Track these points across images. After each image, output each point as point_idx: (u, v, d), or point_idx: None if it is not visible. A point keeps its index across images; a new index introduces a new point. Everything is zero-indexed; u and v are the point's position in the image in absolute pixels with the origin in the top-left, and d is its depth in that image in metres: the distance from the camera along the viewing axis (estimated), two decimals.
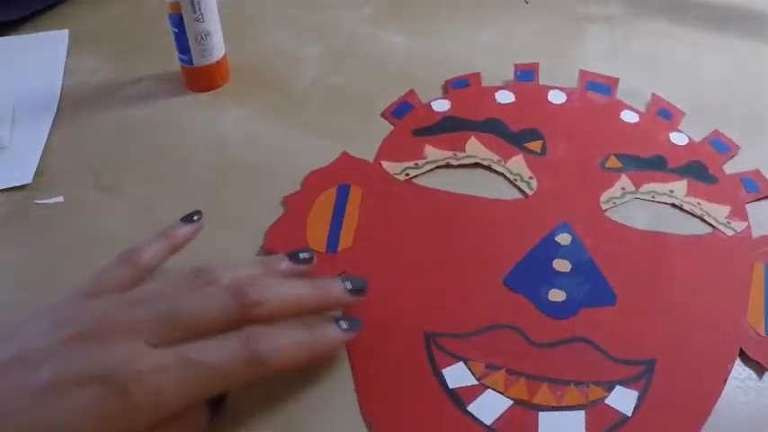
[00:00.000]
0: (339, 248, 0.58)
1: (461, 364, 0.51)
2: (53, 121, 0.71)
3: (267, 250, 0.58)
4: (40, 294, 0.54)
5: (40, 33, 0.84)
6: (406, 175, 0.63)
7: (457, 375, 0.50)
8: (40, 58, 0.80)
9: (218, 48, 0.72)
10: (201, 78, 0.73)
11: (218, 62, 0.73)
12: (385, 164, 0.64)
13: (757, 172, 0.66)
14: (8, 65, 0.80)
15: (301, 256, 0.52)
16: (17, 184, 0.64)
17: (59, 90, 0.75)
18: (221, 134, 0.69)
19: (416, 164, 0.64)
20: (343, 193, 0.62)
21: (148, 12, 0.86)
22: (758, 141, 0.69)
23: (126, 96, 0.74)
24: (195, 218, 0.54)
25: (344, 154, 0.65)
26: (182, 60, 0.72)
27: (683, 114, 0.71)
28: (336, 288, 0.49)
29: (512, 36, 0.82)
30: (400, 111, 0.70)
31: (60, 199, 0.63)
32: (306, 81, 0.75)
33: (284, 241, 0.58)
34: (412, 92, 0.72)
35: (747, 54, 0.80)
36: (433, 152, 0.65)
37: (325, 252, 0.57)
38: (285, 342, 0.45)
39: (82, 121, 0.71)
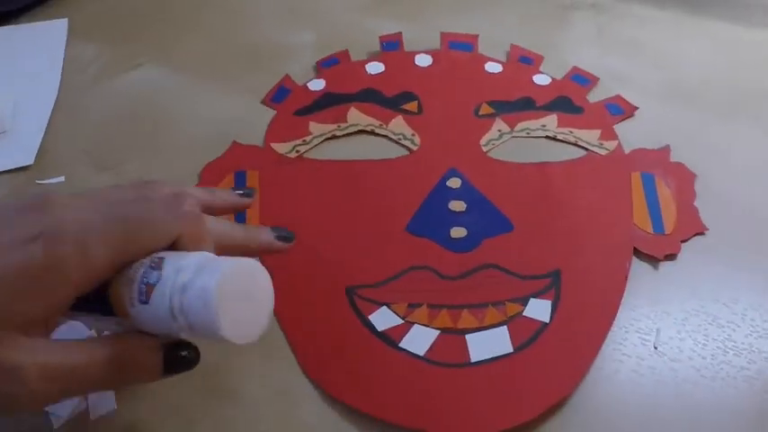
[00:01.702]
0: None
1: (385, 308, 0.54)
2: (54, 106, 0.73)
3: None
4: None
5: (39, 23, 0.85)
6: (297, 152, 0.66)
7: (383, 319, 0.53)
8: (40, 46, 0.82)
9: None
10: None
11: None
12: (274, 145, 0.67)
13: (618, 96, 0.71)
14: (9, 54, 0.81)
15: (243, 191, 0.52)
16: (19, 165, 0.66)
17: (59, 76, 0.77)
18: (212, 114, 0.72)
19: (304, 140, 0.67)
20: (241, 178, 0.64)
21: (143, 2, 0.87)
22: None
23: (125, 81, 0.76)
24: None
25: (234, 143, 0.67)
26: None
27: (543, 58, 0.76)
28: (266, 233, 0.49)
29: (498, 23, 0.84)
30: (279, 96, 0.72)
31: (62, 179, 0.65)
32: None
33: None
34: (287, 77, 0.74)
35: (726, 38, 0.83)
36: (317, 127, 0.68)
37: None
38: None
39: (82, 105, 0.73)
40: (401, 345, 0.52)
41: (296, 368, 0.52)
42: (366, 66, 0.75)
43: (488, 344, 0.51)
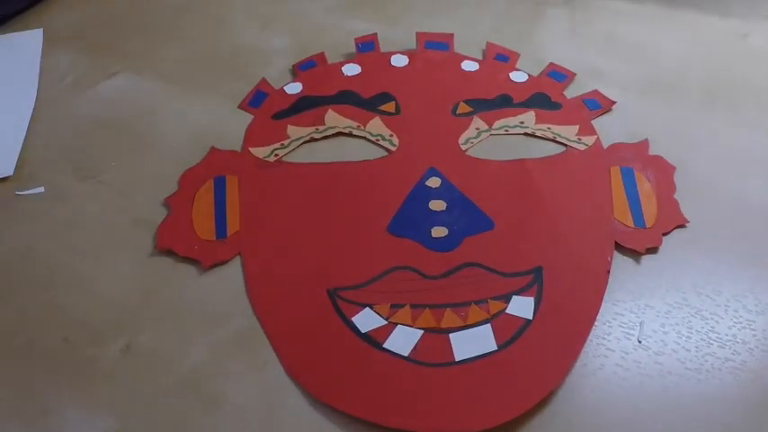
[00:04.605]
0: (228, 233, 0.59)
1: (368, 309, 0.54)
2: (31, 117, 0.72)
3: (162, 249, 0.59)
4: (24, 282, 0.57)
5: (14, 33, 0.84)
6: (276, 155, 0.66)
7: (366, 320, 0.53)
8: (15, 57, 0.81)
9: None
10: None
11: None
12: (253, 150, 0.66)
13: (595, 91, 0.71)
14: None
15: None
16: None
17: (36, 86, 0.76)
18: (189, 120, 0.71)
19: (282, 144, 0.66)
20: (220, 183, 0.63)
21: (118, 12, 0.87)
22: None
23: (102, 90, 0.75)
24: None
25: (212, 149, 0.67)
26: None
27: (519, 55, 0.76)
28: None
29: (473, 21, 0.83)
30: (256, 100, 0.72)
31: (41, 189, 0.65)
32: None
33: (175, 237, 0.59)
34: (264, 81, 0.74)
35: (702, 29, 0.82)
36: (295, 130, 0.68)
37: (216, 239, 0.59)
38: None
39: (59, 115, 0.73)
40: (385, 346, 0.51)
41: (280, 371, 0.51)
42: (342, 68, 0.75)
43: (472, 342, 0.51)
